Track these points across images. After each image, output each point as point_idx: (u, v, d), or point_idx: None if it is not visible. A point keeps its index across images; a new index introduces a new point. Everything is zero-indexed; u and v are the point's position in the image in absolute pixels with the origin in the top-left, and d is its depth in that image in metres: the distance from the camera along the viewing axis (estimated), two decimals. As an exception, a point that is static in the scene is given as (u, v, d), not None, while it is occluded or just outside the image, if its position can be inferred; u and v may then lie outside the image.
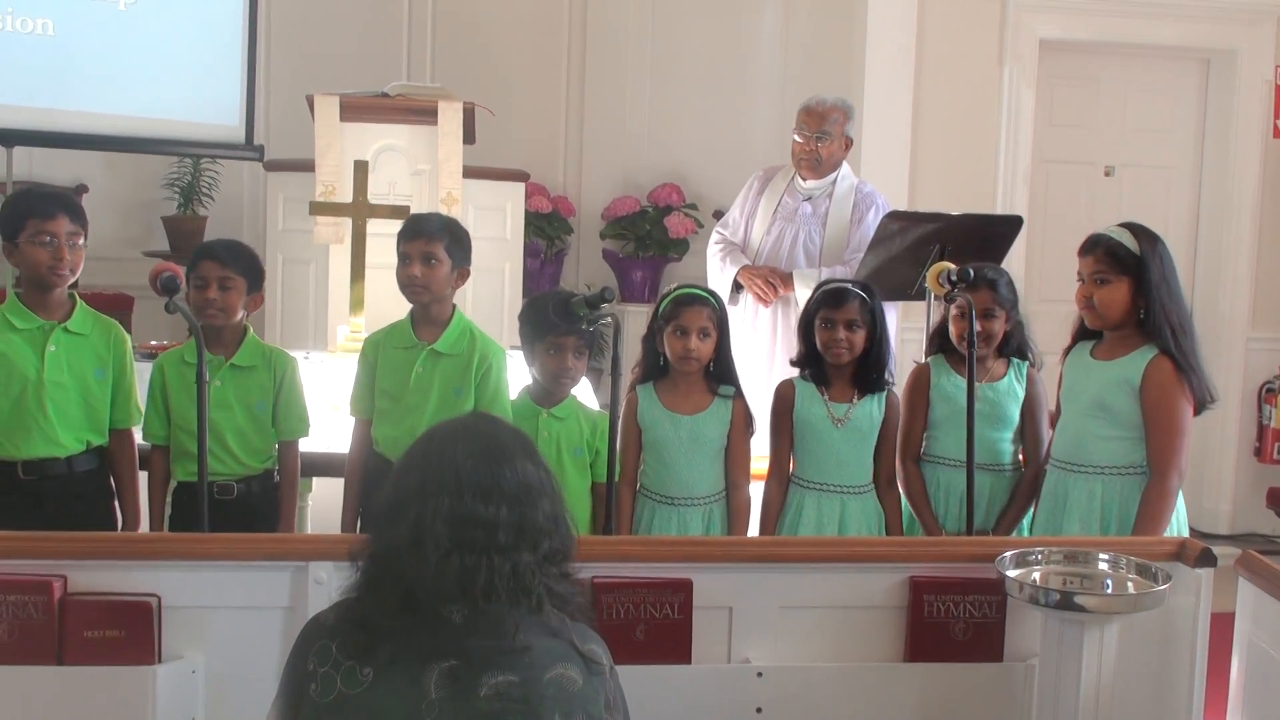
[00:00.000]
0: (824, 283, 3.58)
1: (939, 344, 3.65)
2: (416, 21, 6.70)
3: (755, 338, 4.73)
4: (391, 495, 1.91)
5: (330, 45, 6.45)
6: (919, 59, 6.10)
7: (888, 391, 3.48)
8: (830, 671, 2.64)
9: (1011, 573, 2.60)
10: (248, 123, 5.84)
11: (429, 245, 3.35)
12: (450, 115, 4.86)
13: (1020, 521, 3.54)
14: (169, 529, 3.32)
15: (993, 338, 3.54)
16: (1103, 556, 2.69)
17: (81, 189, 6.12)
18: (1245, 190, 6.40)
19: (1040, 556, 2.68)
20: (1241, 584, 2.74)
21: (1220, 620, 2.78)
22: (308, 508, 3.73)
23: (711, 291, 3.50)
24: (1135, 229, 3.29)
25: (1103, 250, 3.26)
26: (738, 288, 4.78)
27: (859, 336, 3.41)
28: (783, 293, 4.66)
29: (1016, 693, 2.66)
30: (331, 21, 6.54)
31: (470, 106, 4.98)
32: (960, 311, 3.46)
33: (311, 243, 4.86)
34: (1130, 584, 2.63)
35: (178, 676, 2.48)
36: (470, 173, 4.96)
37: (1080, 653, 2.47)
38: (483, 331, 3.48)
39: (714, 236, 4.99)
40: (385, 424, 3.40)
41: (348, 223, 4.70)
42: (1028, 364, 3.60)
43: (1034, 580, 2.63)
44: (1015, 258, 4.92)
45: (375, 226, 4.53)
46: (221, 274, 3.30)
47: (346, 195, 4.71)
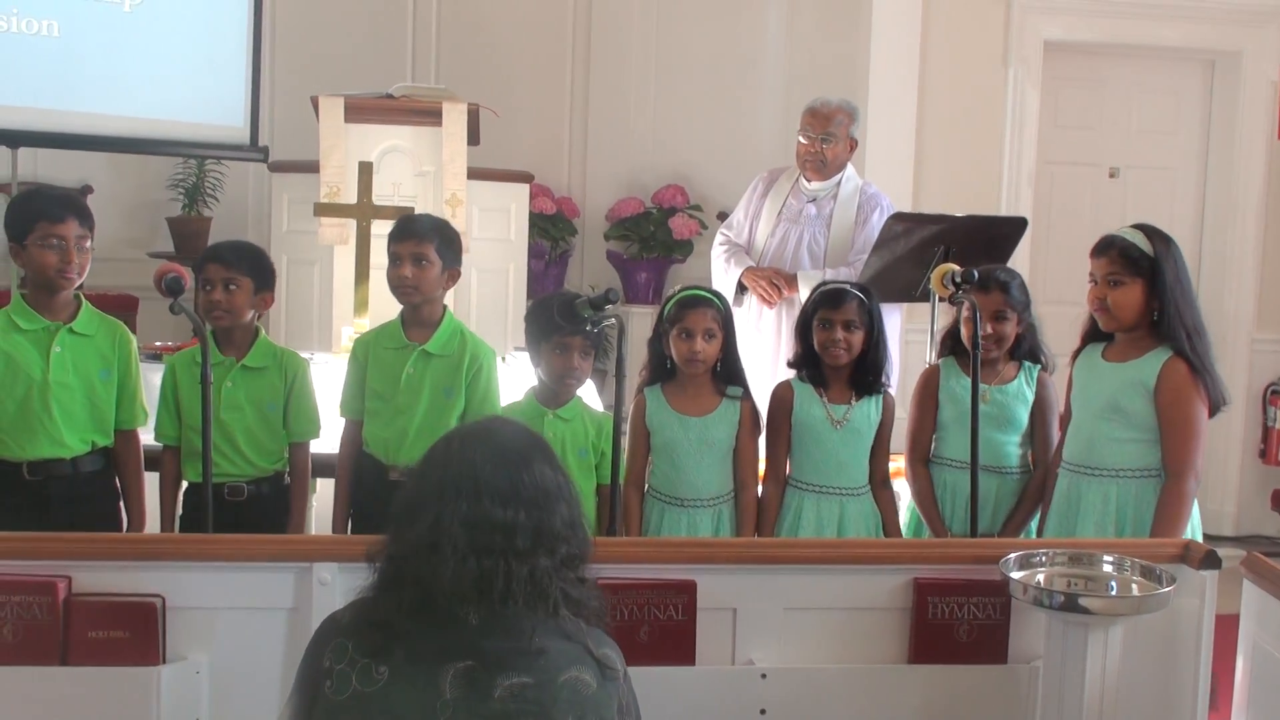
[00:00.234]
0: (821, 284, 3.58)
1: (950, 346, 3.62)
2: (421, 23, 6.70)
3: (760, 339, 4.73)
4: (410, 497, 1.91)
5: (335, 46, 6.46)
6: (924, 60, 6.11)
7: (884, 393, 3.48)
8: (834, 673, 2.63)
9: (1016, 575, 2.59)
10: (252, 124, 5.84)
11: (419, 246, 3.36)
12: (455, 116, 4.86)
13: (1027, 525, 3.53)
14: (181, 530, 3.33)
15: (1004, 340, 3.51)
16: (1107, 558, 2.68)
17: (86, 190, 6.12)
18: (1250, 191, 6.40)
19: (1044, 558, 2.67)
20: (1246, 586, 2.74)
21: (1225, 622, 2.78)
22: (312, 509, 3.72)
23: (716, 292, 3.49)
24: (1148, 230, 3.27)
25: (1116, 251, 3.23)
26: (742, 289, 4.78)
27: (857, 337, 3.40)
28: (787, 294, 4.66)
29: (1020, 695, 2.66)
30: (336, 23, 6.55)
31: (475, 108, 4.98)
32: (968, 313, 3.45)
33: (316, 244, 4.85)
34: (1135, 586, 2.62)
35: (182, 677, 2.48)
36: (475, 174, 4.95)
37: (1084, 655, 2.47)
38: (473, 333, 3.49)
39: (718, 238, 5.00)
40: (376, 424, 3.40)
41: (352, 224, 4.71)
42: (1039, 367, 3.57)
43: (1038, 582, 2.62)
44: (1019, 259, 4.92)
45: (380, 228, 4.52)
46: (226, 275, 3.31)
47: (351, 196, 4.72)
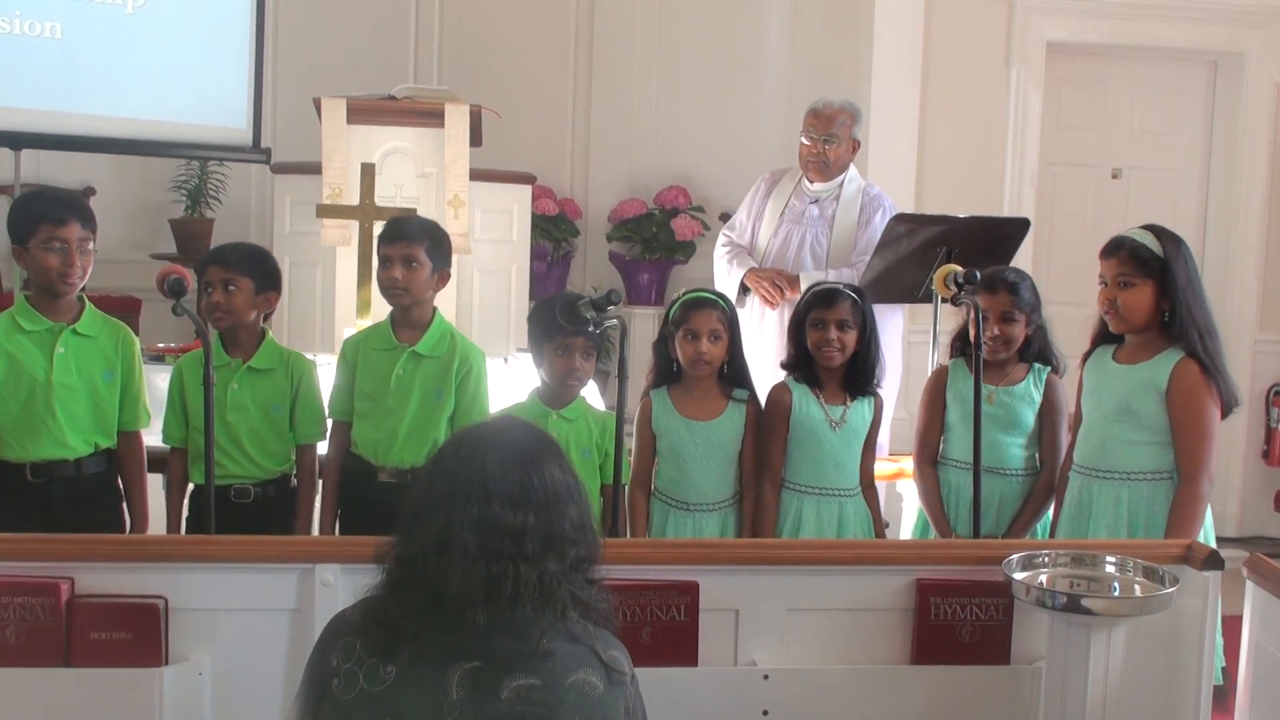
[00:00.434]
0: (814, 285, 3.57)
1: (960, 346, 3.60)
2: (423, 24, 6.70)
3: (762, 340, 4.72)
4: (419, 498, 1.90)
5: (337, 48, 6.46)
6: (926, 61, 6.10)
7: (874, 394, 3.47)
8: (837, 674, 2.63)
9: (1018, 575, 2.59)
10: (255, 125, 5.84)
11: (410, 248, 3.36)
12: (457, 118, 4.86)
13: (1032, 526, 3.51)
14: (187, 531, 3.32)
15: (1012, 341, 3.49)
16: (1109, 559, 2.68)
17: (89, 191, 6.13)
18: (1253, 192, 6.39)
19: (1047, 559, 2.67)
20: (1249, 587, 2.73)
21: (1228, 623, 2.78)
22: (313, 510, 3.72)
23: (720, 294, 3.50)
24: (1158, 230, 3.25)
25: (1126, 253, 3.22)
26: (745, 290, 4.78)
27: (850, 337, 3.40)
28: (790, 295, 4.65)
29: (1023, 695, 2.66)
30: (338, 24, 6.55)
31: (477, 109, 4.98)
32: (983, 315, 3.43)
33: (318, 245, 4.86)
34: (1137, 587, 2.62)
35: (185, 678, 2.48)
36: (477, 175, 4.96)
37: (1087, 655, 2.47)
38: (462, 334, 3.50)
39: (721, 239, 5.00)
40: (365, 426, 3.40)
41: (355, 225, 4.72)
42: (1048, 369, 3.55)
43: (1041, 583, 2.62)
44: (1022, 261, 4.91)
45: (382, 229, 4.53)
46: (226, 276, 3.31)
47: (353, 198, 4.73)
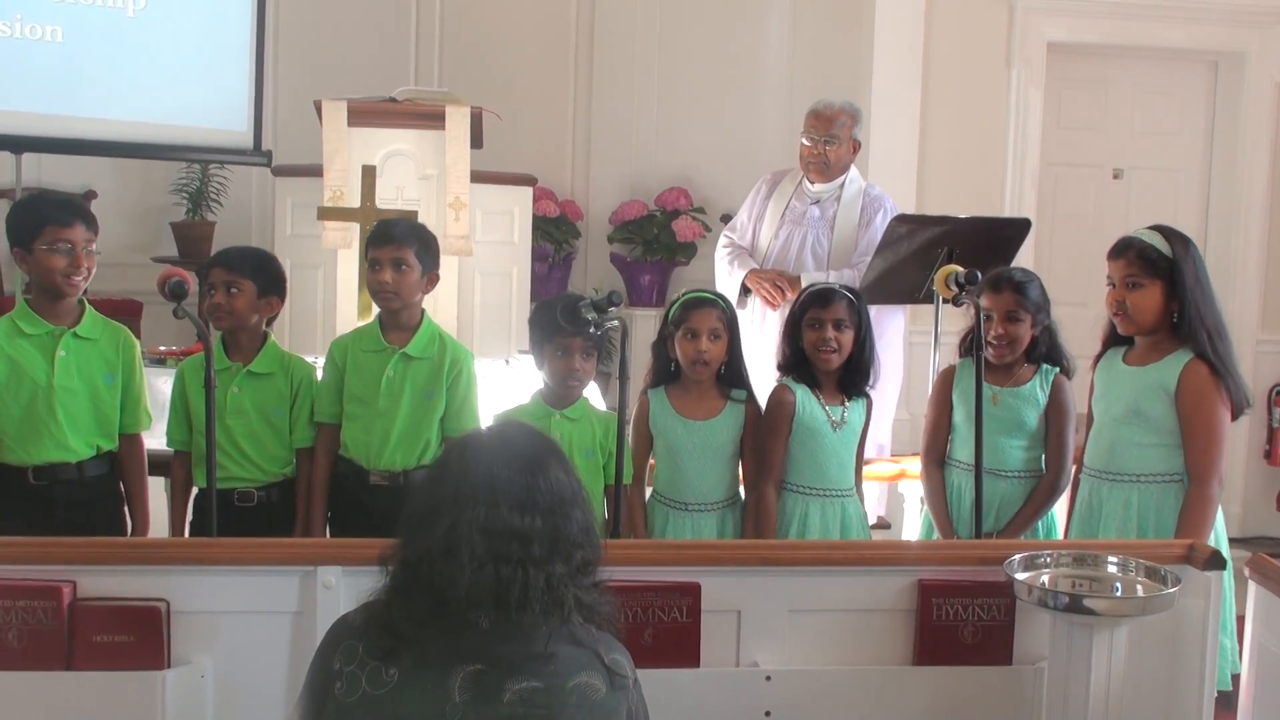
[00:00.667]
0: (809, 285, 3.57)
1: (968, 346, 3.56)
2: (424, 27, 6.70)
3: (763, 341, 4.71)
4: (423, 503, 1.90)
5: (338, 50, 6.46)
6: (926, 62, 6.10)
7: (866, 395, 3.47)
8: (839, 675, 2.63)
9: (1020, 576, 2.59)
10: (256, 128, 5.84)
11: (399, 251, 3.36)
12: (458, 120, 4.86)
13: (1030, 526, 3.49)
14: (191, 535, 3.33)
15: (1016, 342, 3.45)
16: (1111, 559, 2.68)
17: (90, 195, 6.13)
18: (1254, 193, 6.39)
19: (1049, 559, 2.67)
20: (1252, 587, 2.74)
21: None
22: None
23: (720, 294, 3.50)
24: (1166, 231, 3.24)
25: (1134, 253, 3.21)
26: (746, 291, 4.79)
27: (847, 337, 3.39)
28: (790, 296, 4.65)
29: (1025, 696, 2.65)
30: (339, 27, 6.55)
31: (478, 111, 4.98)
32: (987, 315, 3.43)
33: (320, 248, 4.85)
34: (1139, 587, 2.62)
35: (187, 681, 2.48)
36: (478, 177, 4.95)
37: (1089, 656, 2.47)
38: (450, 335, 3.51)
39: (722, 240, 5.00)
40: (356, 428, 3.39)
41: (356, 228, 4.72)
42: (1056, 370, 3.51)
43: (1043, 583, 2.62)
44: (1023, 261, 4.90)
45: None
46: (228, 278, 3.32)
47: (354, 200, 4.73)
